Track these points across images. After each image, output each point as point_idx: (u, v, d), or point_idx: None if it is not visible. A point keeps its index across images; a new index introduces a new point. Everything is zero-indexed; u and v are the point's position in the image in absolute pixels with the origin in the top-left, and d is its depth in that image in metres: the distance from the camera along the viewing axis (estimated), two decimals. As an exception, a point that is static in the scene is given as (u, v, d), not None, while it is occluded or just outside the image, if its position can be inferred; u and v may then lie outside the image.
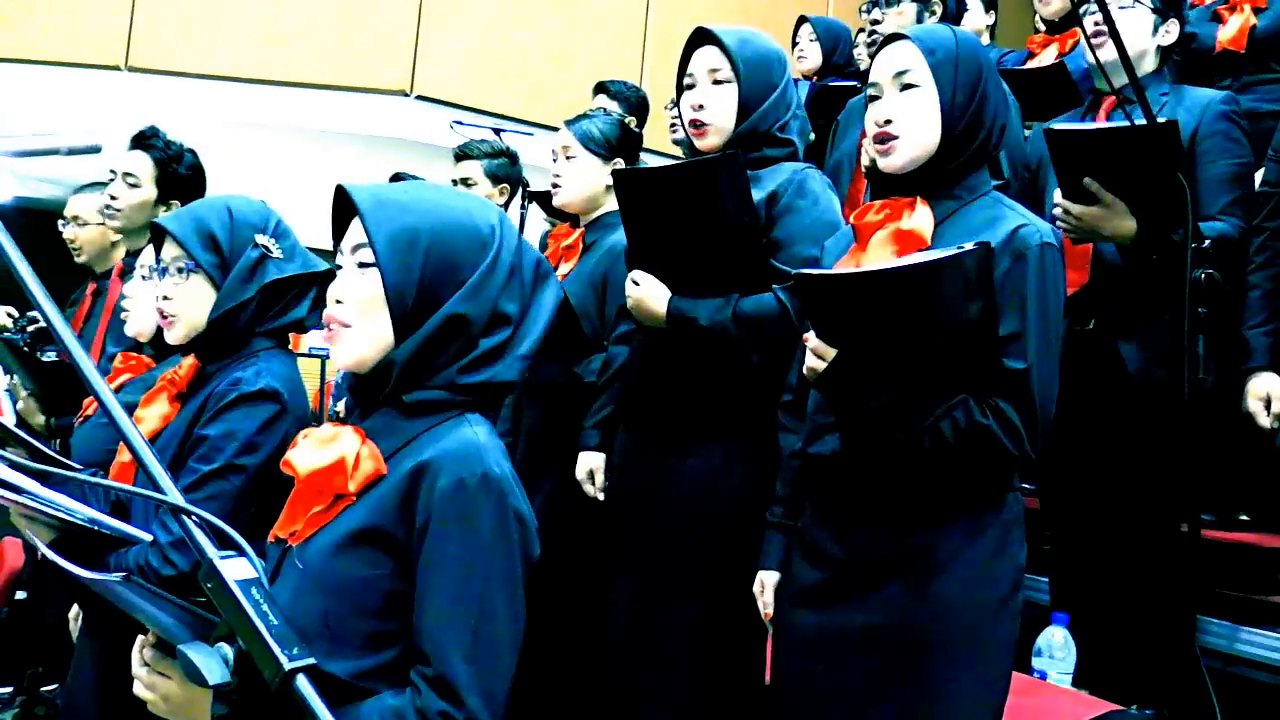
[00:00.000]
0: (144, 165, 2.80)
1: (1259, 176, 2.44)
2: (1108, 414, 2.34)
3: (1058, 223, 2.26)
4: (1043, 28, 4.61)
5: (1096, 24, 2.39)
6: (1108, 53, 2.30)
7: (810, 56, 3.97)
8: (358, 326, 1.23)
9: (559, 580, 2.32)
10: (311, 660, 0.88)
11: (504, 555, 1.17)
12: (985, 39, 4.34)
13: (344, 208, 1.28)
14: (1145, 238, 2.21)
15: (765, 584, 1.78)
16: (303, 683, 0.87)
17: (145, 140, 2.82)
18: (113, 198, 2.80)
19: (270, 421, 1.68)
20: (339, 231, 1.29)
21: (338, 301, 1.24)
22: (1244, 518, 2.91)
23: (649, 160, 3.16)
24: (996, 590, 1.57)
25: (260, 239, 1.76)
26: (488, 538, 1.15)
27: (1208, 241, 2.13)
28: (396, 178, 3.37)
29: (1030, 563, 1.67)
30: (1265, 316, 2.28)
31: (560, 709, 2.35)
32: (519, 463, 2.42)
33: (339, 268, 1.27)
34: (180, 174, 2.81)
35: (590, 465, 2.33)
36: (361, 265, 1.23)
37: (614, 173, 2.18)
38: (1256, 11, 3.13)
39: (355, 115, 6.02)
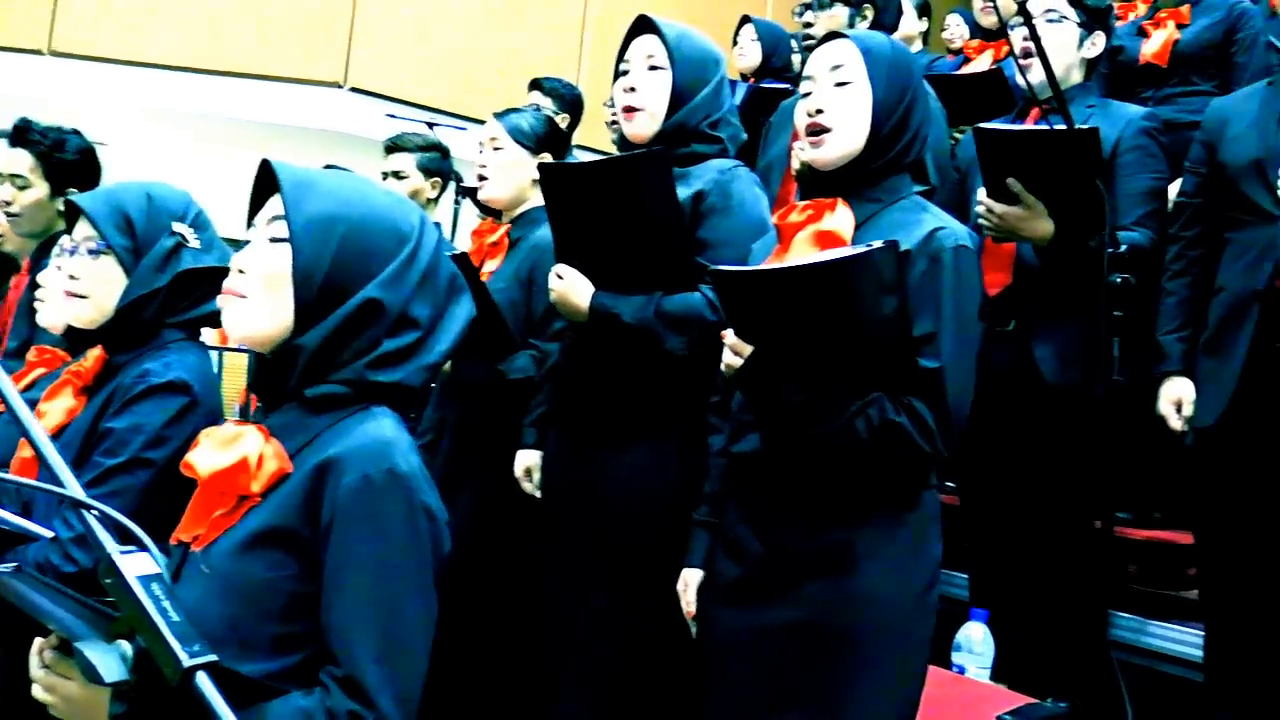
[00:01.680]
0: (26, 163, 2.61)
1: (1175, 187, 2.52)
2: (1025, 413, 2.39)
3: (980, 220, 2.32)
4: (955, 41, 4.71)
5: (1024, 38, 2.44)
6: (1035, 73, 2.35)
7: (749, 55, 4.00)
8: (254, 298, 1.19)
9: (487, 576, 2.32)
10: (213, 657, 0.86)
11: (414, 553, 1.15)
12: (918, 45, 4.42)
13: (266, 187, 1.25)
14: (1061, 241, 2.27)
15: (689, 582, 1.79)
16: (203, 680, 0.84)
17: (21, 136, 2.63)
18: (6, 203, 2.62)
19: (180, 414, 1.63)
20: (256, 209, 1.26)
21: (240, 271, 1.20)
22: (1157, 515, 3.01)
23: (583, 158, 3.14)
24: (913, 586, 1.59)
25: (178, 227, 1.71)
26: (396, 536, 1.13)
27: (1124, 247, 2.20)
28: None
29: (950, 559, 1.70)
30: (1180, 323, 2.35)
31: (479, 707, 2.33)
32: (445, 460, 2.43)
33: (249, 241, 1.23)
34: (67, 160, 2.63)
35: (527, 463, 2.32)
36: (273, 240, 1.19)
37: (540, 166, 2.17)
38: (1180, 27, 3.23)
39: (287, 106, 5.93)
